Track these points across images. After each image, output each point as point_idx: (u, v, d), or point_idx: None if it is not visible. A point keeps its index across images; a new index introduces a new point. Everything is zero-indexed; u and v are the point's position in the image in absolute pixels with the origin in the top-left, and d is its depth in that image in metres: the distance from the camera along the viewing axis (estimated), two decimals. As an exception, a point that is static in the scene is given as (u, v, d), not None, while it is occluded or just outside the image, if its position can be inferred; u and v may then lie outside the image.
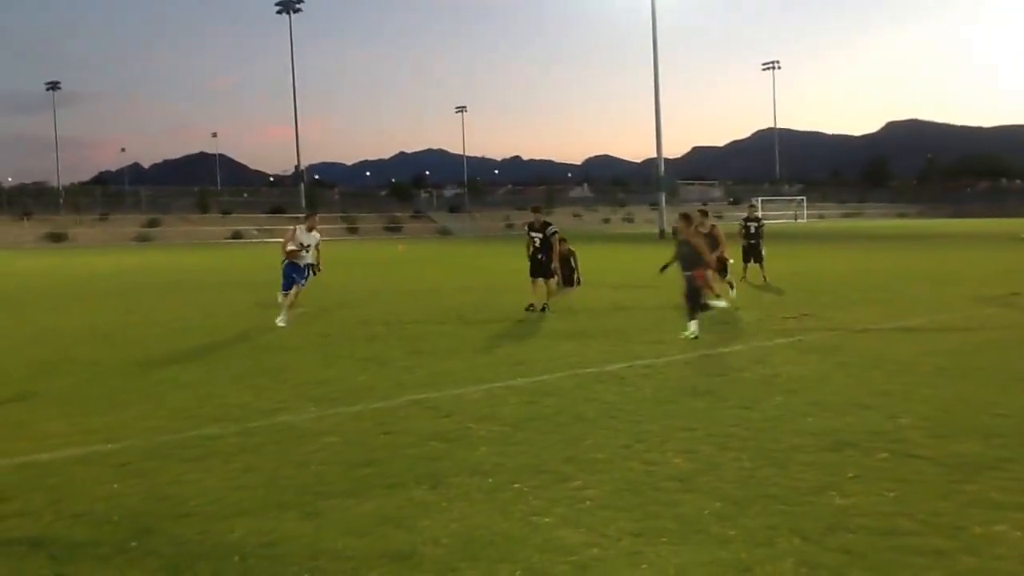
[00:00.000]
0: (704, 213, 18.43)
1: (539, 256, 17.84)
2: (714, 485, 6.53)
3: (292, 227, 17.01)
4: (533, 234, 17.97)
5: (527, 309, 17.47)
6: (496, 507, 6.14)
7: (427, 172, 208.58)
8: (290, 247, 16.31)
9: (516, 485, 6.62)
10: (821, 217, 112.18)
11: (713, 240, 17.46)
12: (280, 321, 15.96)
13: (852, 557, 5.17)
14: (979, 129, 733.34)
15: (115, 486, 6.79)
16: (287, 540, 5.59)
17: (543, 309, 17.47)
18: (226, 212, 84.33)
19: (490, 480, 6.76)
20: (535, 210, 19.06)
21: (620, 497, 6.30)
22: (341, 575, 5.06)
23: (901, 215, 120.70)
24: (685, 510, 6.00)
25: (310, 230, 16.69)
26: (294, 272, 16.38)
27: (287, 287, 16.44)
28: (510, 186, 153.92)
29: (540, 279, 17.92)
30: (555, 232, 18.07)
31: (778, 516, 5.86)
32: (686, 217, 16.33)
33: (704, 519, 5.83)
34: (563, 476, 6.82)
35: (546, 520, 5.87)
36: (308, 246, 16.56)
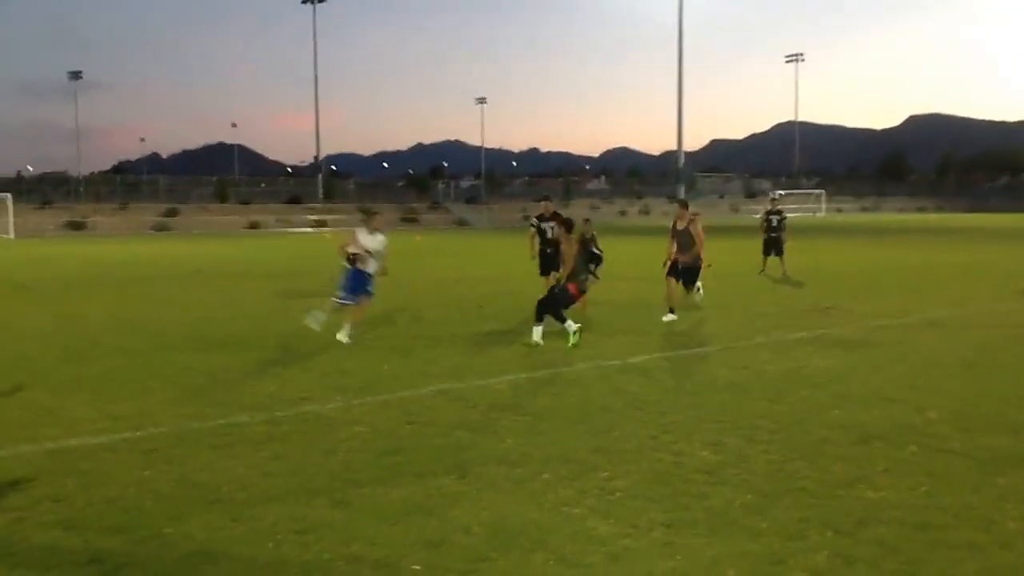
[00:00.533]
0: (684, 205, 16.26)
1: (548, 250, 16.70)
2: (743, 477, 6.53)
3: (352, 231, 14.17)
4: (545, 224, 16.83)
5: None
6: (526, 497, 6.15)
7: (445, 163, 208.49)
8: (351, 249, 13.64)
9: (544, 475, 6.63)
10: (839, 211, 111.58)
11: (689, 238, 15.29)
12: (343, 336, 12.99)
13: (886, 550, 5.16)
14: (1002, 123, 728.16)
15: (145, 472, 6.83)
16: (319, 527, 5.61)
17: None
18: (244, 202, 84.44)
19: (518, 470, 6.77)
20: (545, 199, 18.12)
21: (649, 488, 6.30)
22: (375, 562, 5.08)
23: (920, 209, 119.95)
24: (715, 502, 6.00)
25: (373, 232, 13.71)
26: (358, 281, 13.45)
27: (347, 296, 13.37)
28: (527, 178, 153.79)
29: (552, 273, 16.62)
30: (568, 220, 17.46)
31: (809, 509, 5.85)
32: (684, 204, 15.90)
33: (735, 511, 5.83)
34: (591, 466, 6.82)
35: (576, 510, 5.88)
36: (375, 251, 13.62)
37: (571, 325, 12.41)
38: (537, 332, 12.47)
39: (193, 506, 6.05)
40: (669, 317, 14.74)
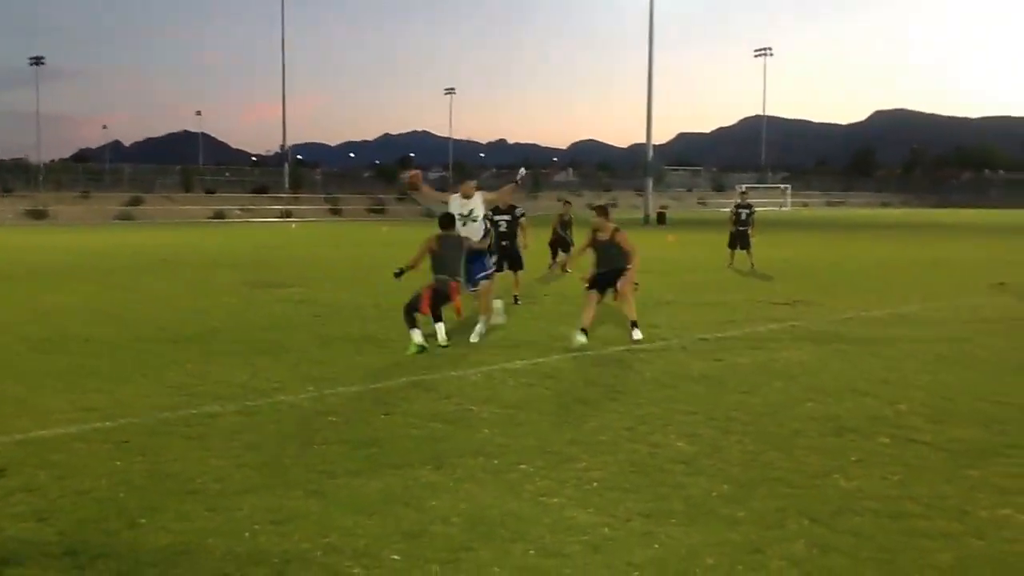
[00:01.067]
0: (604, 212, 12.67)
1: (503, 243, 15.93)
2: (719, 468, 6.57)
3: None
4: (498, 217, 15.86)
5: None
6: (504, 488, 6.15)
7: (412, 154, 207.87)
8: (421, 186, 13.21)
9: (522, 466, 6.63)
10: (805, 205, 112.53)
11: (617, 250, 12.24)
12: (473, 336, 12.24)
13: (861, 539, 5.21)
14: (965, 120, 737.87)
15: (118, 463, 6.76)
16: (296, 518, 5.58)
17: (515, 301, 15.88)
18: (209, 191, 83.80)
19: (495, 461, 6.76)
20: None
21: (627, 478, 6.33)
22: (354, 552, 5.05)
23: (884, 204, 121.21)
24: (692, 492, 6.03)
25: (467, 196, 12.77)
26: (475, 266, 12.56)
27: (471, 282, 12.63)
28: (495, 169, 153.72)
29: (507, 270, 16.08)
30: (524, 214, 16.51)
31: (785, 499, 5.90)
32: (603, 211, 12.64)
33: (712, 501, 5.86)
34: (568, 457, 6.84)
35: (555, 500, 5.88)
36: (470, 213, 12.69)
37: (416, 334, 11.36)
38: (439, 330, 11.76)
39: (167, 497, 5.99)
40: (580, 340, 11.76)
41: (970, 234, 45.33)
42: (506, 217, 16.13)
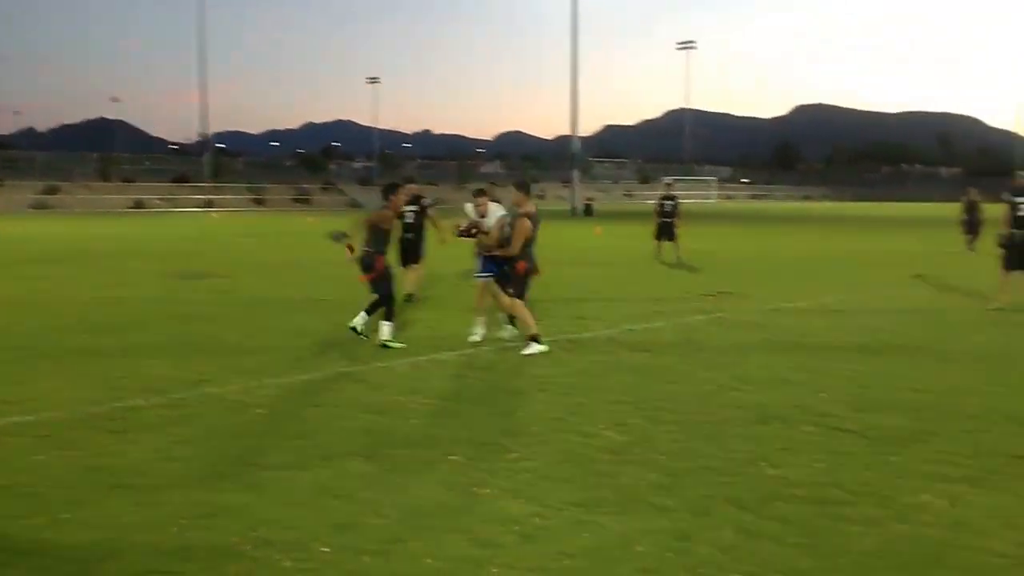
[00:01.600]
0: (524, 188, 11.64)
1: (408, 235, 15.27)
2: (649, 457, 6.63)
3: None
4: (406, 208, 14.70)
5: (406, 300, 14.68)
6: (436, 478, 6.14)
7: (336, 144, 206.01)
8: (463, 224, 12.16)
9: (453, 457, 6.62)
10: (729, 198, 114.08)
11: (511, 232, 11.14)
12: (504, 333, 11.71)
13: (788, 525, 5.31)
14: (885, 115, 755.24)
15: (39, 457, 6.60)
16: (226, 511, 5.50)
17: (409, 299, 14.89)
18: (128, 180, 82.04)
19: (426, 452, 6.75)
20: (408, 180, 15.72)
21: (558, 468, 6.36)
22: (285, 545, 5.00)
23: (806, 198, 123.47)
24: (623, 481, 6.09)
25: (481, 215, 11.95)
26: (491, 261, 11.61)
27: (484, 272, 11.86)
28: (420, 160, 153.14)
29: (412, 264, 15.43)
30: (430, 204, 15.86)
31: (713, 487, 5.98)
32: (523, 187, 11.61)
33: (642, 489, 5.92)
34: (499, 448, 6.85)
35: (486, 491, 5.89)
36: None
37: (358, 318, 11.34)
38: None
39: (91, 492, 5.87)
40: (477, 335, 11.61)
41: (888, 227, 46.39)
42: (413, 208, 15.24)
